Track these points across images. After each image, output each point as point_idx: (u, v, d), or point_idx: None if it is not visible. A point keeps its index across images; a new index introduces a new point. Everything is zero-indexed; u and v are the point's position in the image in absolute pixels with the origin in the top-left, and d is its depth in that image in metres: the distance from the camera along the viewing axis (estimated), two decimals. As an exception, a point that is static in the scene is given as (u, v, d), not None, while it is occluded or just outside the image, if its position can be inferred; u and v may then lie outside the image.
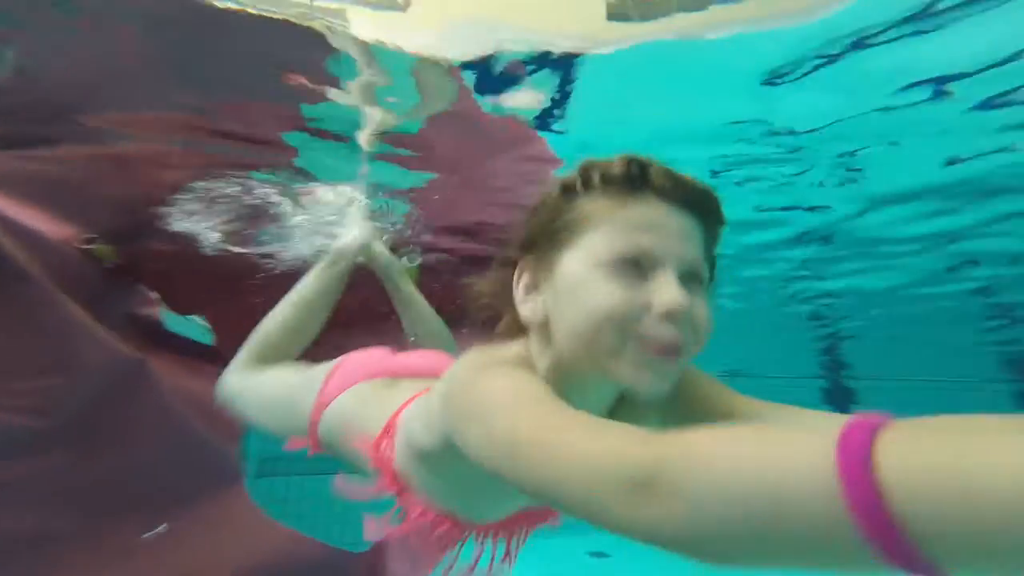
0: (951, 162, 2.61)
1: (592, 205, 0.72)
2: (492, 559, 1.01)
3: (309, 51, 1.58)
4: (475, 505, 0.92)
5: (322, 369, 1.22)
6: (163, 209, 2.21)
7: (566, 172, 0.79)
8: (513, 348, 0.79)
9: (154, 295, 2.38)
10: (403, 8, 1.55)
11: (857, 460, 0.35)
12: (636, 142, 2.31)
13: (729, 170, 2.72)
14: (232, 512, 1.93)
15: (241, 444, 2.21)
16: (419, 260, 2.62)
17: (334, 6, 1.49)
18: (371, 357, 1.24)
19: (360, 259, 1.75)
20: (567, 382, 0.73)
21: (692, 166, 0.86)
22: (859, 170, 2.74)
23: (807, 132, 2.33)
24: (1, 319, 1.37)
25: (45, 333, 1.44)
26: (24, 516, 1.36)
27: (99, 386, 1.56)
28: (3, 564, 1.31)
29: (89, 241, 1.97)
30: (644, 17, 1.60)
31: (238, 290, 2.35)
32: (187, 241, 2.37)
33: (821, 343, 8.01)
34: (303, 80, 1.74)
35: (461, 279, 0.90)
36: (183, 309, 2.50)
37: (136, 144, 1.95)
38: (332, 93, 1.84)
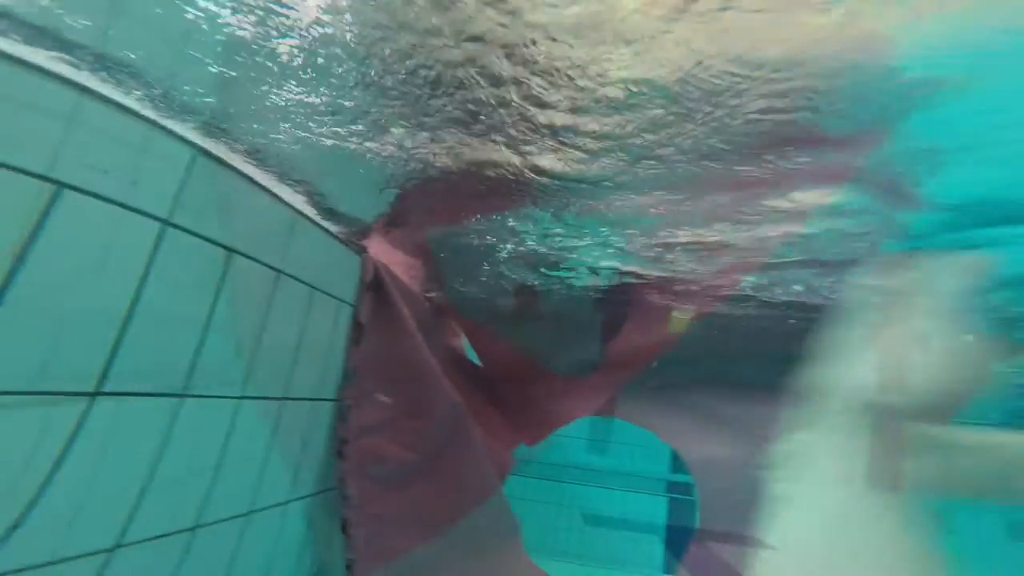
0: None
1: None
2: None
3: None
4: None
5: None
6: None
7: None
8: None
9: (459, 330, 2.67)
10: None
11: None
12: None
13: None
14: (518, 561, 2.08)
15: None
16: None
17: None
18: None
19: None
20: None
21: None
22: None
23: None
24: (395, 370, 1.65)
25: (418, 380, 1.69)
26: (402, 541, 1.62)
27: (444, 428, 1.78)
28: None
29: (427, 290, 2.26)
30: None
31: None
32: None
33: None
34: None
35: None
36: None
37: None
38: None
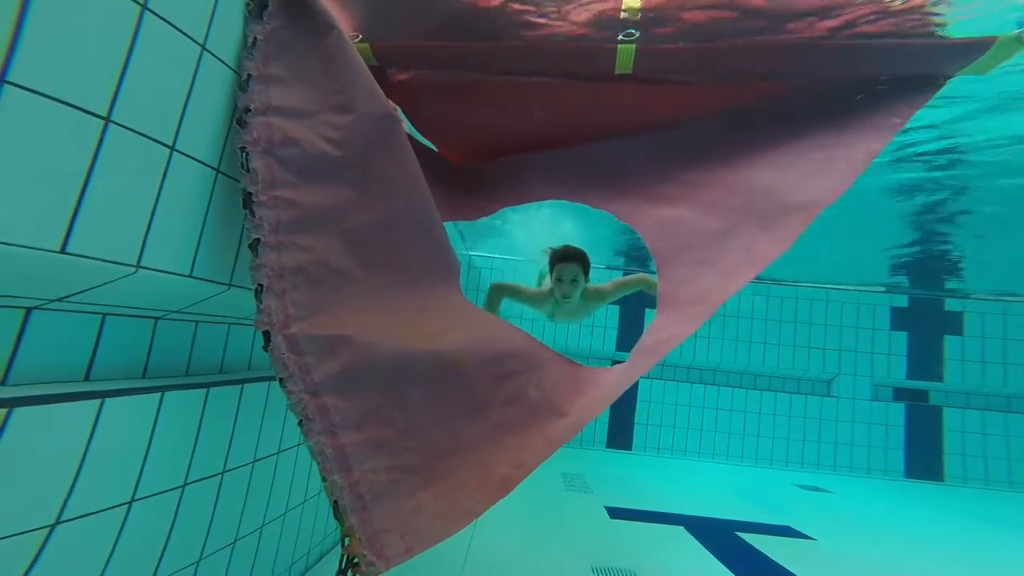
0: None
1: None
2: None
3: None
4: None
5: None
6: None
7: None
8: None
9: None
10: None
11: None
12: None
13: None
14: (458, 297, 1.96)
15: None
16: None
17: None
18: None
19: None
20: None
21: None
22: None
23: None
24: (313, 63, 1.55)
25: (345, 76, 1.60)
26: (322, 242, 1.47)
27: (373, 131, 1.67)
28: (301, 285, 1.40)
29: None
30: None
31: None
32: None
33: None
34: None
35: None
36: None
37: None
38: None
